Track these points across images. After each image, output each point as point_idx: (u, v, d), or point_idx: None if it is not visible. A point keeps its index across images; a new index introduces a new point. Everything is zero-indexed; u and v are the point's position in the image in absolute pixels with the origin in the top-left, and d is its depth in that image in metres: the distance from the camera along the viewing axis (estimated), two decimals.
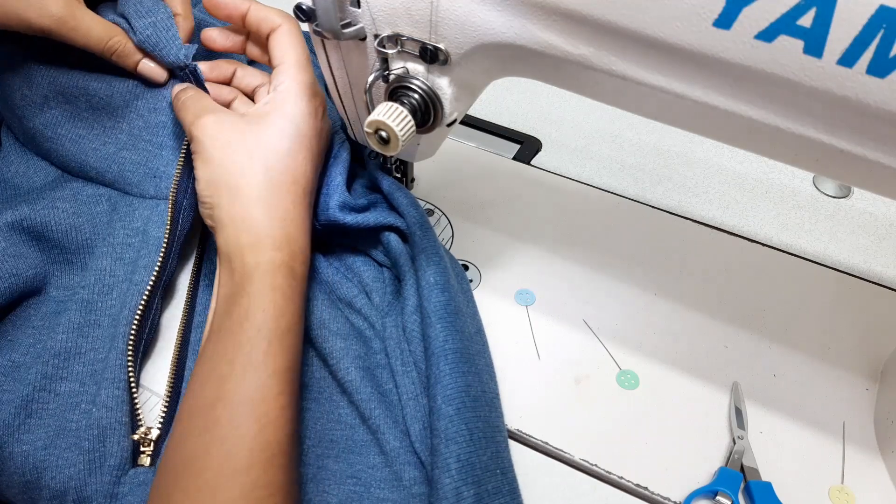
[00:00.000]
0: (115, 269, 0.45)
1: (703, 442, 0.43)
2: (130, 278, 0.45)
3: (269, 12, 0.45)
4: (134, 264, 0.46)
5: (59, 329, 0.43)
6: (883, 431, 0.43)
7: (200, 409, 0.36)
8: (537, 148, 0.66)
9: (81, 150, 0.50)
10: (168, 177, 0.49)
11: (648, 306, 0.51)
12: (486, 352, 0.45)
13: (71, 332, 0.43)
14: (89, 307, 0.44)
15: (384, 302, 0.47)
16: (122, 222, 0.48)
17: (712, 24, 0.27)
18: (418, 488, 0.38)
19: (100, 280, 0.45)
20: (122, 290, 0.45)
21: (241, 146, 0.42)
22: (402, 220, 0.48)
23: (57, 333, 0.43)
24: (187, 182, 0.48)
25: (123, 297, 0.44)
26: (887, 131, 0.28)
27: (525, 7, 0.32)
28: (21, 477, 0.39)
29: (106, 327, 0.43)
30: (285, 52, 0.44)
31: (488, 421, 0.40)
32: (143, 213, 0.48)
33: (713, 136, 0.35)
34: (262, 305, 0.38)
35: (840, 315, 0.50)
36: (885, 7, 0.24)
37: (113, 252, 0.46)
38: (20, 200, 0.48)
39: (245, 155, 0.41)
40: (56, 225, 0.46)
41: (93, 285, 0.45)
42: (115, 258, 0.46)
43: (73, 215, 0.47)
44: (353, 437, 0.41)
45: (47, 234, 0.46)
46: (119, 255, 0.46)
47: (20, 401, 0.40)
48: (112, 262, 0.46)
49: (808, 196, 0.62)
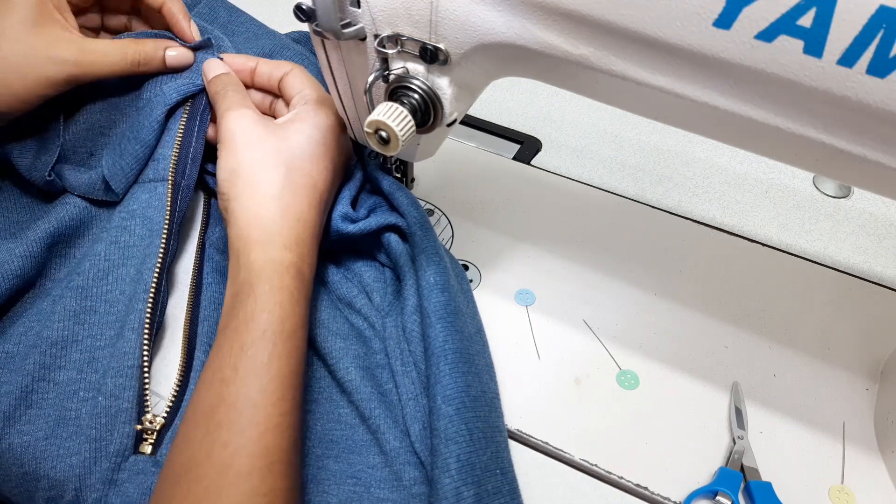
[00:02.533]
0: (110, 252, 0.45)
1: (703, 442, 0.43)
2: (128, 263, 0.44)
3: (280, 62, 0.48)
4: (132, 248, 0.45)
5: (54, 318, 0.42)
6: (883, 431, 0.43)
7: (203, 412, 0.36)
8: (537, 148, 0.66)
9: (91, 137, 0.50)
10: (165, 158, 0.48)
11: (648, 306, 0.51)
12: (486, 352, 0.45)
13: (67, 321, 0.42)
14: (84, 293, 0.43)
15: (385, 302, 0.48)
16: (118, 205, 0.47)
17: (712, 24, 0.27)
18: (418, 488, 0.38)
19: (94, 265, 0.44)
20: (118, 275, 0.44)
21: (269, 144, 0.43)
22: (403, 220, 0.48)
23: (53, 322, 0.42)
24: (185, 163, 0.47)
25: (124, 283, 0.44)
26: (887, 131, 0.28)
27: (525, 7, 0.32)
28: (20, 469, 0.38)
29: (103, 313, 0.43)
30: (304, 85, 0.47)
31: (488, 421, 0.40)
32: (141, 197, 0.47)
33: (713, 136, 0.35)
34: (267, 306, 0.38)
35: (840, 315, 0.50)
36: (885, 7, 0.24)
37: (108, 236, 0.45)
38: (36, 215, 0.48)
39: (271, 152, 0.42)
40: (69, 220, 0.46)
41: (87, 271, 0.44)
42: (109, 242, 0.45)
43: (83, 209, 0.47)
44: (353, 437, 0.41)
45: (60, 229, 0.46)
46: (114, 238, 0.45)
47: (19, 392, 0.40)
48: (107, 245, 0.45)
49: (808, 196, 0.62)
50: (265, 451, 0.34)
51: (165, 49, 0.48)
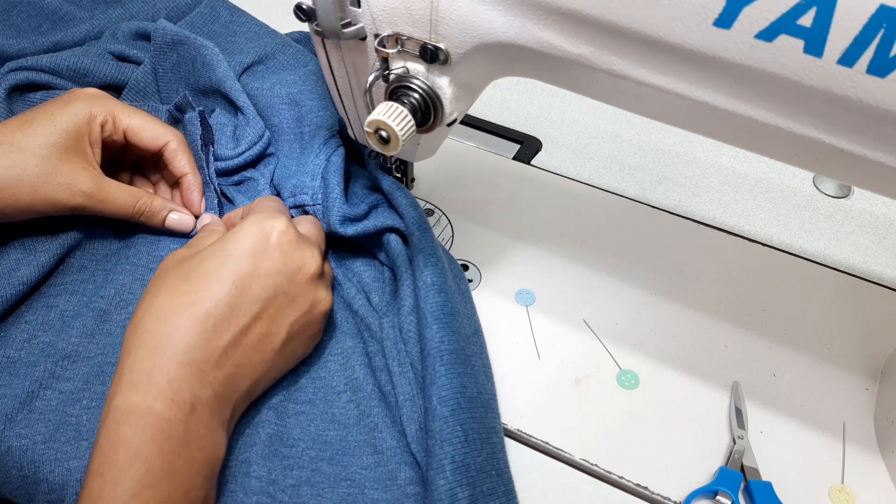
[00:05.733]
0: (134, 287, 0.46)
1: (703, 442, 0.43)
2: None
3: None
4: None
5: (72, 332, 0.44)
6: (883, 431, 0.43)
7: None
8: (537, 148, 0.66)
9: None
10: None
11: (648, 306, 0.51)
12: (483, 353, 0.45)
13: (83, 338, 0.44)
14: (104, 317, 0.45)
15: (382, 302, 0.48)
16: (146, 247, 0.49)
17: (712, 23, 0.27)
18: (413, 488, 0.38)
19: (118, 294, 0.46)
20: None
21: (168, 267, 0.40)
22: (402, 221, 0.48)
23: (70, 336, 0.43)
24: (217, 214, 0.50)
25: None
26: (887, 131, 0.28)
27: (525, 6, 0.32)
28: (19, 471, 0.39)
29: (117, 336, 0.44)
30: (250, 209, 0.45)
31: (484, 422, 0.40)
32: (170, 247, 0.49)
33: (713, 136, 0.35)
34: (100, 470, 0.33)
35: (840, 315, 0.50)
36: (886, 7, 0.24)
37: (135, 272, 0.47)
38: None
39: (161, 275, 0.39)
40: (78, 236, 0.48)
41: (112, 297, 0.46)
42: (135, 278, 0.47)
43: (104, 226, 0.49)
44: (347, 438, 0.41)
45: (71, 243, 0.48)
46: (141, 277, 0.47)
47: (24, 396, 0.40)
48: (132, 280, 0.47)
49: (808, 196, 0.62)
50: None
51: (170, 211, 0.49)
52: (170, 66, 0.56)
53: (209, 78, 0.54)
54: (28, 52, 0.59)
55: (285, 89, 0.52)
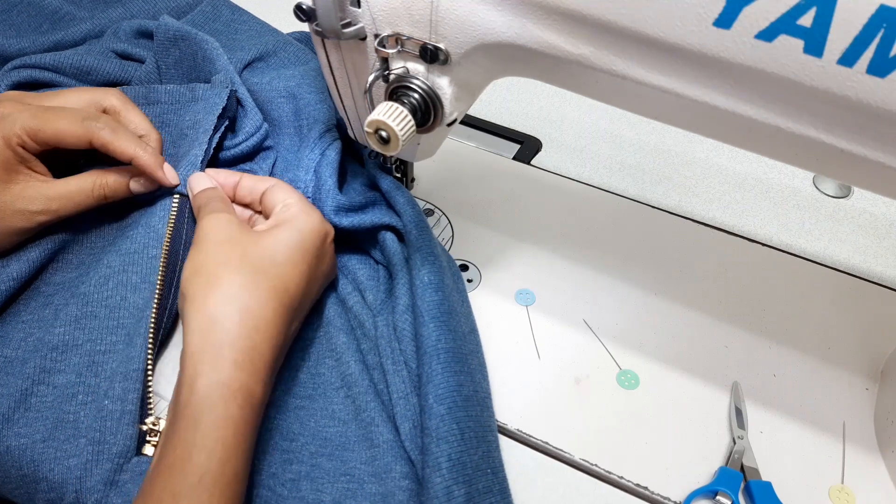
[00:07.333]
0: (111, 260, 0.45)
1: (703, 442, 0.43)
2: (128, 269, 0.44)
3: (263, 178, 0.49)
4: (133, 255, 0.45)
5: (57, 323, 0.43)
6: (883, 431, 0.43)
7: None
8: (537, 148, 0.66)
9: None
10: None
11: (648, 306, 0.51)
12: (479, 352, 0.45)
13: (69, 326, 0.43)
14: (86, 299, 0.44)
15: (377, 300, 0.48)
16: (121, 220, 0.48)
17: (712, 23, 0.27)
18: (407, 482, 0.38)
19: (97, 272, 0.45)
20: (119, 281, 0.44)
21: (239, 245, 0.41)
22: (400, 220, 0.48)
23: (55, 328, 0.43)
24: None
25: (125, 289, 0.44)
26: (887, 131, 0.28)
27: (525, 7, 0.32)
28: (18, 471, 0.39)
29: (103, 318, 0.43)
30: (287, 195, 0.46)
31: (479, 420, 0.40)
32: (149, 209, 0.47)
33: (713, 136, 0.35)
34: (207, 444, 0.34)
35: (840, 315, 0.50)
36: (886, 7, 0.24)
37: (110, 245, 0.46)
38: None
39: (238, 253, 0.40)
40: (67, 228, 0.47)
41: (91, 278, 0.44)
42: (111, 250, 0.45)
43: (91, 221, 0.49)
44: (346, 434, 0.41)
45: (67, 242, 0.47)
46: (116, 247, 0.45)
47: (19, 395, 0.40)
48: (108, 253, 0.45)
49: (808, 196, 0.62)
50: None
51: (130, 180, 0.47)
52: (172, 61, 0.57)
53: (209, 72, 0.54)
54: (28, 51, 0.59)
55: (284, 83, 0.52)
